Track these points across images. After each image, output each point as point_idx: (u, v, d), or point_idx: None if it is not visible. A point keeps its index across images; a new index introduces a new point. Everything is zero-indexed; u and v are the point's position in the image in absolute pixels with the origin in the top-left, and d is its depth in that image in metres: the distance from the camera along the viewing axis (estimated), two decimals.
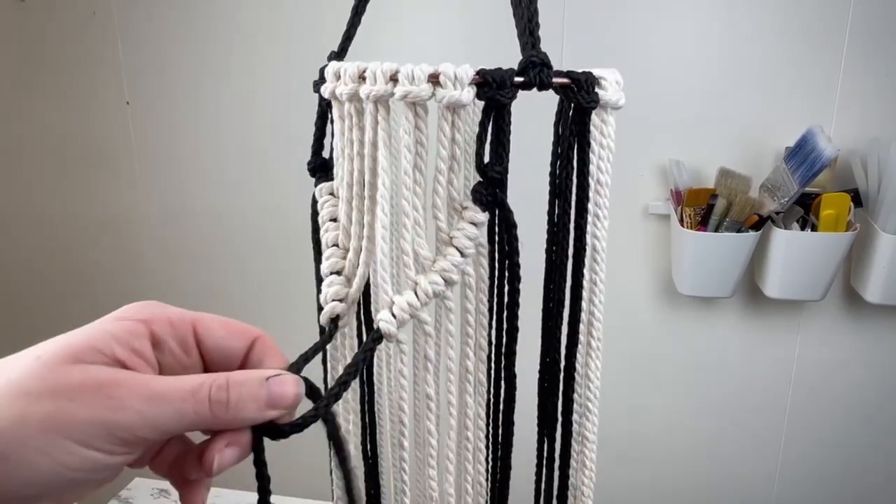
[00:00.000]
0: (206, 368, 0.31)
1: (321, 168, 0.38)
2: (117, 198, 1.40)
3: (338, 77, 0.33)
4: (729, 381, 1.26)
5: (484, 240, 0.33)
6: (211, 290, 1.42)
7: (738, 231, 1.06)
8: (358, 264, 0.34)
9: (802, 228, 1.06)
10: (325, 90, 0.34)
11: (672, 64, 1.11)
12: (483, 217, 0.32)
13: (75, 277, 1.48)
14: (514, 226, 0.33)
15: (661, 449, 1.32)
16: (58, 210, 1.44)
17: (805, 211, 1.06)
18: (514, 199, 0.33)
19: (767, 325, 1.21)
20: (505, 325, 0.35)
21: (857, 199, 1.05)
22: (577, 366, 0.37)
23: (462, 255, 0.32)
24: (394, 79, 0.30)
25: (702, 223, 1.08)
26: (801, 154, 1.00)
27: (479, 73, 0.29)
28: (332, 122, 0.36)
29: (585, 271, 0.35)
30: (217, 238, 1.38)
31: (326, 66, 0.34)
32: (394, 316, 0.32)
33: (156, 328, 0.29)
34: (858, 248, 1.09)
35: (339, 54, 0.39)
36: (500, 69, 0.30)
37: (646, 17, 1.10)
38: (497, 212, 0.32)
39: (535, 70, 0.30)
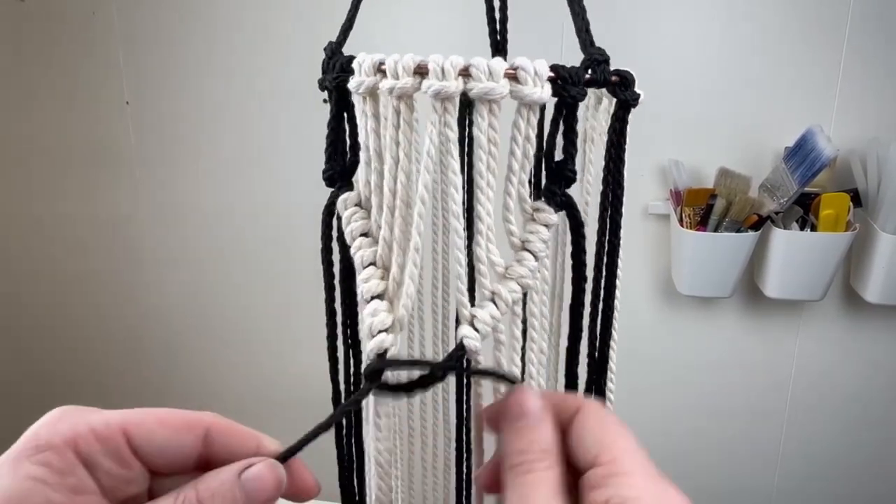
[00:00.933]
0: (154, 474, 0.26)
1: (341, 176, 0.34)
2: (117, 198, 1.40)
3: (379, 70, 0.29)
4: (728, 381, 1.26)
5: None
6: (211, 291, 1.42)
7: (738, 231, 1.06)
8: (402, 283, 0.30)
9: (802, 228, 1.06)
10: (360, 86, 0.30)
11: (672, 64, 1.11)
12: (555, 218, 0.30)
13: (75, 277, 1.48)
14: (583, 225, 0.31)
15: (660, 449, 1.32)
16: (58, 210, 1.44)
17: (804, 211, 1.06)
18: None
19: (767, 325, 1.21)
20: (570, 327, 0.34)
21: (856, 198, 1.05)
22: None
23: (536, 258, 0.30)
24: (464, 73, 0.27)
25: (701, 223, 1.08)
26: (801, 154, 1.00)
27: (552, 68, 0.28)
28: (348, 120, 0.33)
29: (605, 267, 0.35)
30: (217, 238, 1.38)
31: (338, 57, 0.31)
32: (476, 330, 0.30)
33: (82, 447, 0.24)
34: (858, 248, 1.09)
35: (339, 45, 0.36)
36: (573, 66, 0.29)
37: (645, 16, 1.10)
38: (566, 212, 0.31)
39: (600, 67, 0.29)
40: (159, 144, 1.35)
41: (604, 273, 0.35)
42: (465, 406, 0.41)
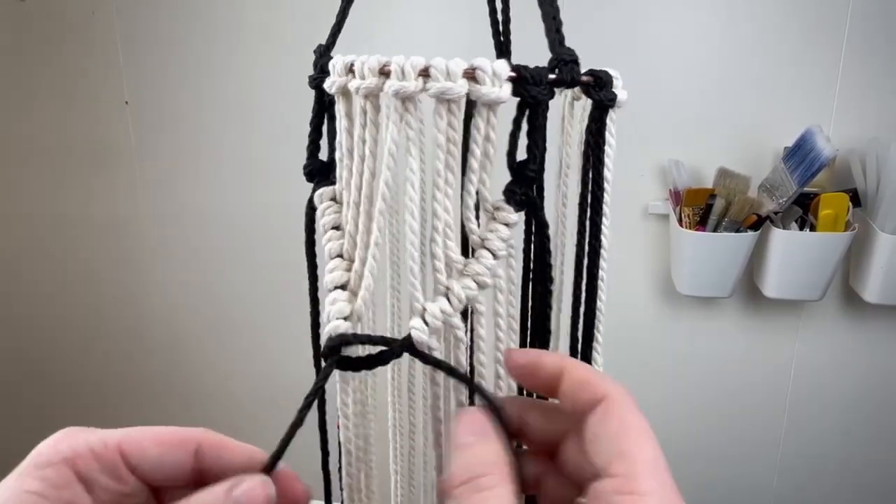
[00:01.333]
0: (151, 489, 0.28)
1: (320, 171, 0.35)
2: (117, 198, 1.40)
3: (350, 71, 0.30)
4: (728, 381, 1.26)
5: (514, 241, 0.32)
6: (211, 291, 1.42)
7: (737, 231, 1.06)
8: (363, 275, 0.32)
9: (801, 228, 1.06)
10: (333, 85, 0.31)
11: (671, 64, 1.11)
12: (516, 217, 0.31)
13: (75, 277, 1.48)
14: (547, 225, 0.32)
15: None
16: (58, 210, 1.44)
17: (804, 211, 1.06)
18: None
19: (766, 325, 1.21)
20: (538, 328, 0.34)
21: (855, 198, 1.05)
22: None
23: (495, 257, 0.31)
24: (424, 74, 0.28)
25: (701, 223, 1.08)
26: (800, 154, 1.00)
27: (514, 69, 0.29)
28: (330, 119, 0.34)
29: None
30: (217, 238, 1.38)
31: (325, 58, 0.32)
32: (426, 323, 0.30)
33: (80, 466, 0.25)
34: (857, 247, 1.09)
35: (329, 47, 0.36)
36: (536, 66, 0.29)
37: (645, 16, 1.11)
38: (528, 212, 0.31)
39: (567, 67, 0.29)
40: (159, 144, 1.35)
41: (584, 277, 0.35)
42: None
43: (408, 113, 0.29)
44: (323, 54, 0.34)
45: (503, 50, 0.43)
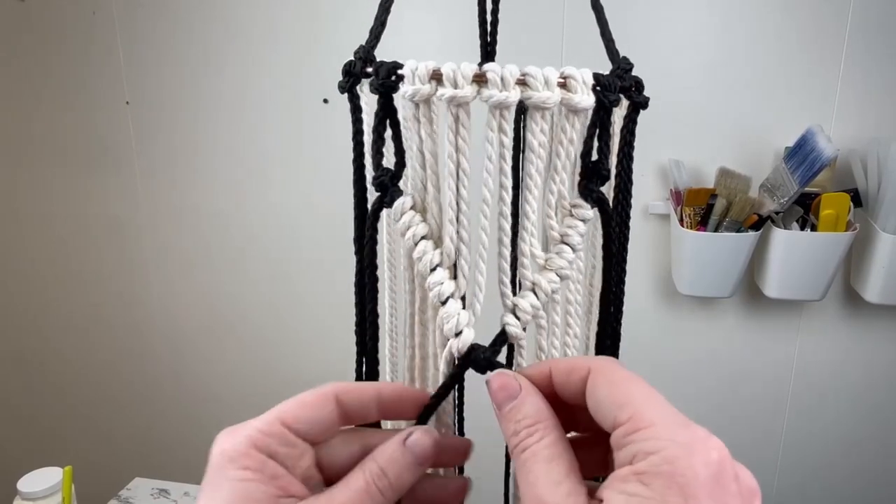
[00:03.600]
0: (312, 444, 0.32)
1: (392, 181, 0.34)
2: (117, 198, 1.40)
3: (436, 79, 0.30)
4: (729, 381, 1.26)
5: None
6: (210, 290, 1.42)
7: (738, 231, 1.06)
8: (473, 280, 0.33)
9: (802, 228, 1.06)
10: (416, 93, 0.31)
11: (672, 64, 1.11)
12: (591, 213, 0.33)
13: (75, 277, 1.48)
14: (613, 219, 0.34)
15: None
16: (58, 210, 1.44)
17: (805, 211, 1.06)
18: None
19: (767, 325, 1.21)
20: (611, 310, 0.37)
21: (856, 198, 1.05)
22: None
23: (574, 251, 0.33)
24: (521, 83, 0.29)
25: (701, 223, 1.08)
26: (801, 154, 1.00)
27: (594, 77, 0.30)
28: (392, 125, 0.33)
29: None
30: (217, 238, 1.38)
31: (367, 63, 0.32)
32: (518, 318, 0.32)
33: (261, 446, 0.29)
34: (858, 247, 1.09)
35: (371, 49, 0.36)
36: (608, 75, 0.31)
37: (646, 17, 1.11)
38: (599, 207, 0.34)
39: (629, 75, 0.32)
40: (159, 144, 1.35)
41: (615, 261, 0.37)
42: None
43: (504, 121, 0.30)
44: (367, 57, 0.33)
45: (489, 51, 0.44)
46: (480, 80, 0.30)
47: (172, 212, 1.38)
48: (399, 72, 0.31)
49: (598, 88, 0.31)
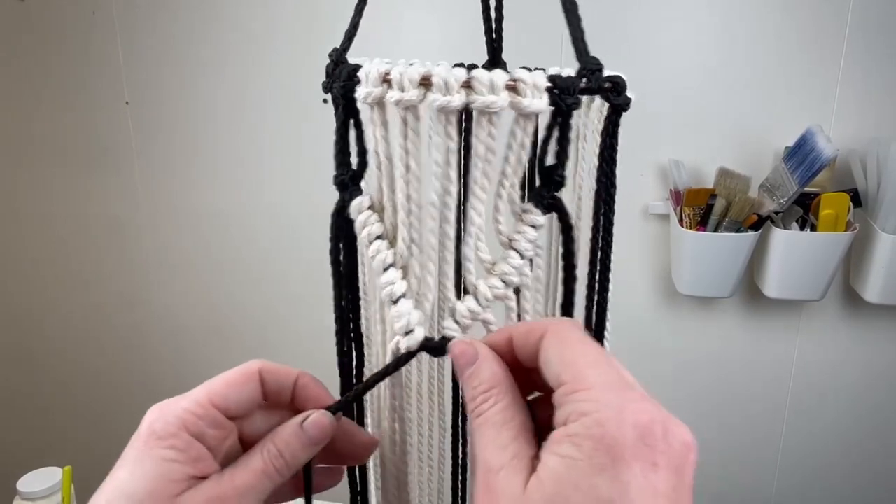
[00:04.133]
0: (235, 420, 0.34)
1: (353, 180, 0.35)
2: (117, 198, 1.40)
3: (385, 81, 0.30)
4: (729, 381, 1.26)
5: (541, 242, 0.34)
6: (211, 290, 1.42)
7: (738, 231, 1.06)
8: (422, 280, 0.33)
9: (802, 228, 1.06)
10: (369, 96, 0.31)
11: (672, 64, 1.11)
12: (543, 220, 0.32)
13: (75, 277, 1.48)
14: (572, 228, 0.33)
15: None
16: (58, 210, 1.44)
17: (804, 211, 1.06)
18: None
19: (767, 325, 1.21)
20: None
21: (856, 198, 1.05)
22: None
23: (522, 257, 0.32)
24: (466, 86, 0.29)
25: (701, 223, 1.08)
26: (801, 154, 1.00)
27: (549, 79, 0.29)
28: (356, 126, 0.33)
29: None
30: (217, 238, 1.38)
31: (352, 66, 0.32)
32: (457, 322, 0.32)
33: (192, 428, 0.31)
34: (858, 247, 1.09)
35: (344, 51, 0.36)
36: (569, 76, 0.30)
37: (646, 17, 1.11)
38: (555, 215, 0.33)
39: (595, 76, 0.30)
40: (159, 144, 1.35)
41: (598, 269, 0.37)
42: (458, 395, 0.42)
43: (449, 125, 0.30)
44: (340, 59, 0.34)
45: (495, 50, 0.44)
46: (427, 83, 0.29)
47: (172, 212, 1.38)
48: (357, 74, 0.31)
49: (555, 91, 0.30)
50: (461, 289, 0.34)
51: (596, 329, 0.38)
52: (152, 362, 1.49)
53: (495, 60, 0.42)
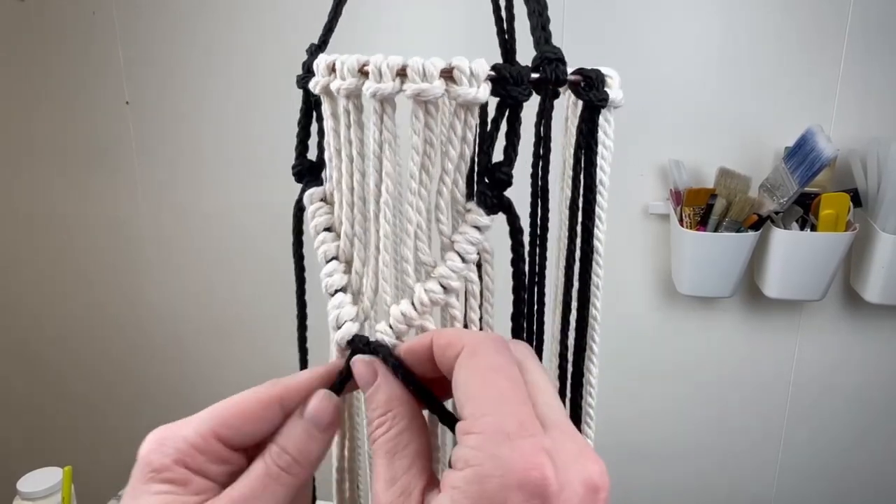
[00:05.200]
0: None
1: (309, 172, 0.34)
2: (117, 198, 1.40)
3: (332, 71, 0.29)
4: (729, 381, 1.26)
5: (488, 244, 0.31)
6: (211, 290, 1.42)
7: (738, 231, 1.06)
8: (364, 276, 0.31)
9: (802, 228, 1.06)
10: (317, 85, 0.30)
11: (672, 64, 1.11)
12: (487, 220, 0.30)
13: (76, 277, 1.48)
14: (521, 231, 0.31)
15: (661, 448, 1.32)
16: (58, 210, 1.44)
17: (804, 211, 1.06)
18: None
19: (767, 325, 1.21)
20: (511, 336, 0.33)
21: (856, 198, 1.05)
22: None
23: (463, 260, 0.30)
24: (401, 74, 0.27)
25: (701, 223, 1.08)
26: (801, 154, 1.00)
27: (494, 68, 0.27)
28: (318, 119, 0.33)
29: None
30: (217, 238, 1.38)
31: (312, 58, 0.32)
32: (390, 327, 0.30)
33: (190, 463, 0.27)
34: (858, 247, 1.09)
35: (320, 46, 0.35)
36: (517, 65, 0.28)
37: (646, 17, 1.10)
38: (504, 216, 0.30)
39: (552, 66, 0.28)
40: (159, 144, 1.35)
41: (575, 284, 0.33)
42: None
43: (385, 114, 0.28)
44: (314, 53, 0.33)
45: (508, 49, 0.43)
46: (364, 71, 0.28)
47: (172, 212, 1.38)
48: (314, 65, 0.31)
49: (500, 82, 0.27)
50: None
51: (575, 351, 0.35)
52: (153, 362, 1.49)
53: (509, 61, 0.42)
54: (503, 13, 0.41)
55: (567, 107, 0.35)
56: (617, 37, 1.12)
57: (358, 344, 0.30)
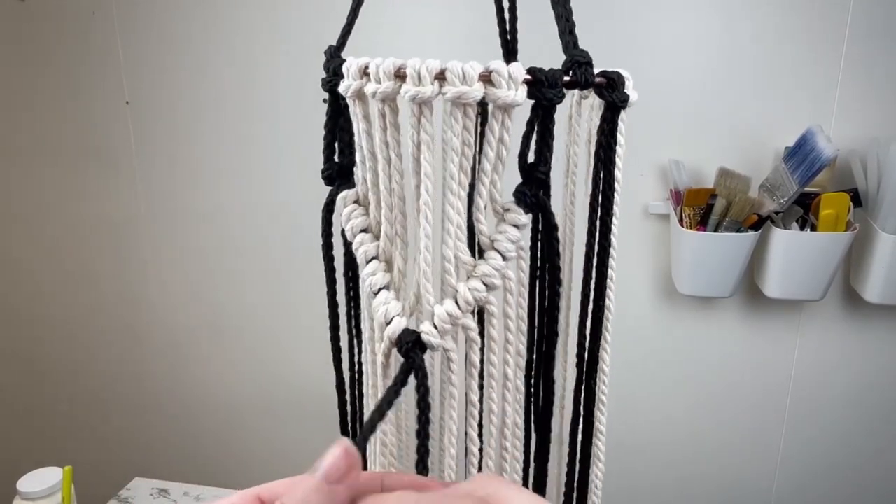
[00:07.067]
0: None
1: (340, 174, 0.34)
2: (117, 198, 1.40)
3: (364, 74, 0.30)
4: (729, 381, 1.26)
5: (524, 243, 0.32)
6: (211, 290, 1.42)
7: (738, 231, 1.06)
8: (405, 274, 0.32)
9: (802, 228, 1.06)
10: (348, 89, 0.31)
11: (672, 64, 1.11)
12: (526, 219, 0.31)
13: (75, 277, 1.48)
14: (556, 227, 0.31)
15: (661, 448, 1.32)
16: (58, 210, 1.44)
17: (804, 211, 1.06)
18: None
19: (767, 325, 1.21)
20: (545, 330, 0.34)
21: (856, 198, 1.05)
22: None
23: (504, 258, 0.31)
24: (440, 77, 0.28)
25: (701, 223, 1.08)
26: (801, 154, 1.00)
27: (529, 71, 0.28)
28: (345, 121, 0.33)
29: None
30: (217, 238, 1.38)
31: (336, 60, 0.32)
32: (435, 327, 0.30)
33: None
34: (858, 247, 1.09)
35: (339, 48, 0.36)
36: (551, 69, 0.29)
37: (646, 17, 1.10)
38: (539, 214, 0.31)
39: (581, 69, 0.29)
40: (159, 144, 1.35)
41: (594, 275, 0.34)
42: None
43: (424, 117, 0.29)
44: (334, 55, 0.33)
45: (510, 49, 0.43)
46: (401, 75, 0.28)
47: (172, 212, 1.38)
48: (342, 69, 0.31)
49: (534, 84, 0.28)
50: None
51: (591, 340, 0.36)
52: (152, 362, 1.49)
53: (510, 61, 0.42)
54: (506, 14, 0.41)
55: (571, 105, 0.35)
56: (617, 37, 1.12)
57: (407, 338, 0.30)
